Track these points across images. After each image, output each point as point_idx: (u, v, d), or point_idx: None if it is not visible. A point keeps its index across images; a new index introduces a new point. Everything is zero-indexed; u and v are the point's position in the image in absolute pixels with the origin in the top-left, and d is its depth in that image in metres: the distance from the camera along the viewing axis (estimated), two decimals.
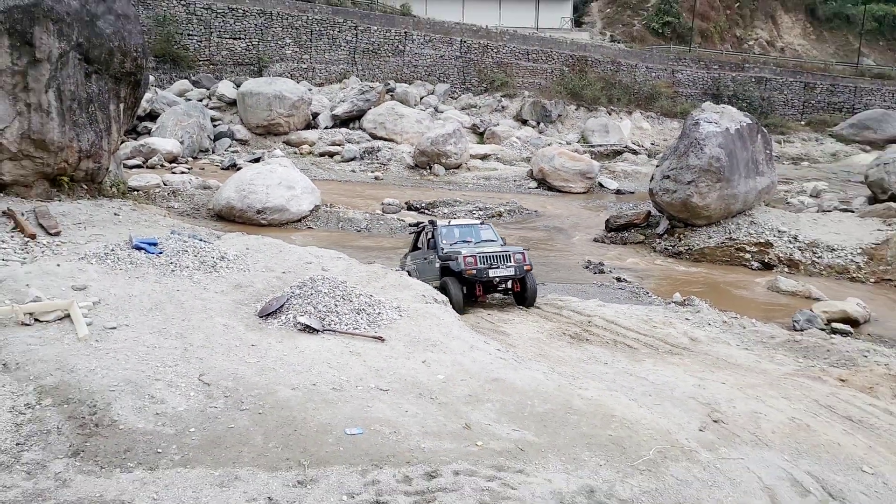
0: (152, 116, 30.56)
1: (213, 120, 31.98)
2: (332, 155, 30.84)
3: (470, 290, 12.22)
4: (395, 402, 6.67)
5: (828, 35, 55.14)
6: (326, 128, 33.46)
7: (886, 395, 8.70)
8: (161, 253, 10.05)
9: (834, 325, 12.92)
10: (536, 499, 5.23)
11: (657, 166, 20.95)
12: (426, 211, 22.36)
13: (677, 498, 5.59)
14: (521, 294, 12.71)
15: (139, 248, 10.06)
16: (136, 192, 18.65)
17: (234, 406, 6.19)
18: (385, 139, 32.80)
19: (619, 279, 15.90)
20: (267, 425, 5.91)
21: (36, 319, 7.51)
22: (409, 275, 13.14)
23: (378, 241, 18.35)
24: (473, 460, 5.69)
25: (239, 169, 23.46)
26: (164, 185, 21.17)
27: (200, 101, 33.68)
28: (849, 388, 8.87)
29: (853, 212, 21.65)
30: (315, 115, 33.88)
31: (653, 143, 38.59)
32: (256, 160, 26.87)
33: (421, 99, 37.74)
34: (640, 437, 6.53)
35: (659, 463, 6.08)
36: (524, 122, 38.10)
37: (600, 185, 29.13)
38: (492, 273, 12.17)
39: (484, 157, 32.24)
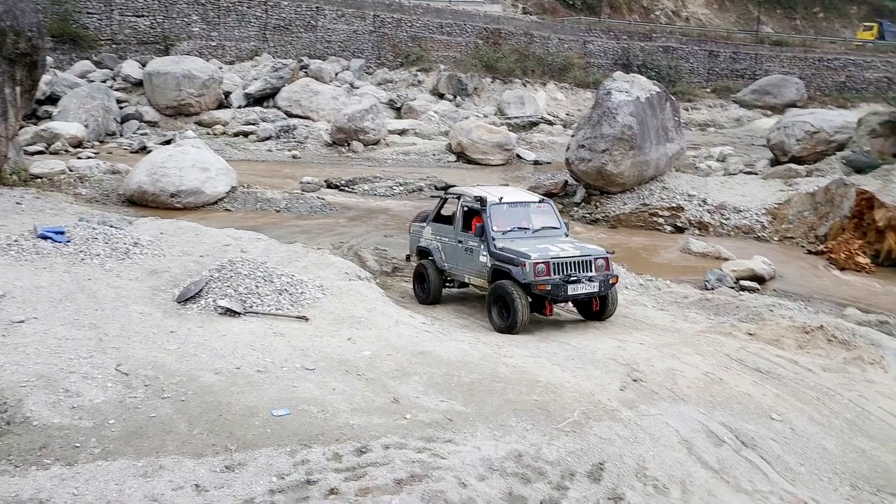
0: (53, 99, 28.96)
1: (119, 102, 30.58)
2: (247, 135, 30.02)
3: (535, 299, 9.59)
4: (321, 380, 6.65)
5: (729, 4, 56.88)
6: (240, 107, 32.52)
7: (791, 346, 9.21)
8: (69, 241, 9.65)
9: (742, 282, 13.55)
10: (466, 466, 5.33)
11: (572, 136, 21.31)
12: (347, 188, 22.14)
13: (601, 456, 5.80)
14: (598, 313, 10.08)
15: (45, 238, 9.63)
16: (39, 180, 17.74)
17: (156, 394, 6.04)
18: (301, 117, 32.14)
19: None
20: (191, 412, 5.80)
21: None
22: (429, 253, 11.19)
23: (298, 220, 18.08)
24: (403, 433, 5.75)
25: (149, 152, 22.55)
26: (70, 171, 20.18)
27: (104, 82, 32.10)
28: (757, 341, 9.35)
29: (757, 174, 22.64)
30: (227, 94, 32.85)
31: (568, 114, 39.17)
32: (168, 142, 25.89)
33: (336, 75, 37.08)
34: (564, 401, 6.73)
35: (583, 424, 6.29)
36: (441, 96, 37.99)
37: (518, 156, 29.38)
38: (571, 290, 9.43)
39: (402, 133, 32.01)
